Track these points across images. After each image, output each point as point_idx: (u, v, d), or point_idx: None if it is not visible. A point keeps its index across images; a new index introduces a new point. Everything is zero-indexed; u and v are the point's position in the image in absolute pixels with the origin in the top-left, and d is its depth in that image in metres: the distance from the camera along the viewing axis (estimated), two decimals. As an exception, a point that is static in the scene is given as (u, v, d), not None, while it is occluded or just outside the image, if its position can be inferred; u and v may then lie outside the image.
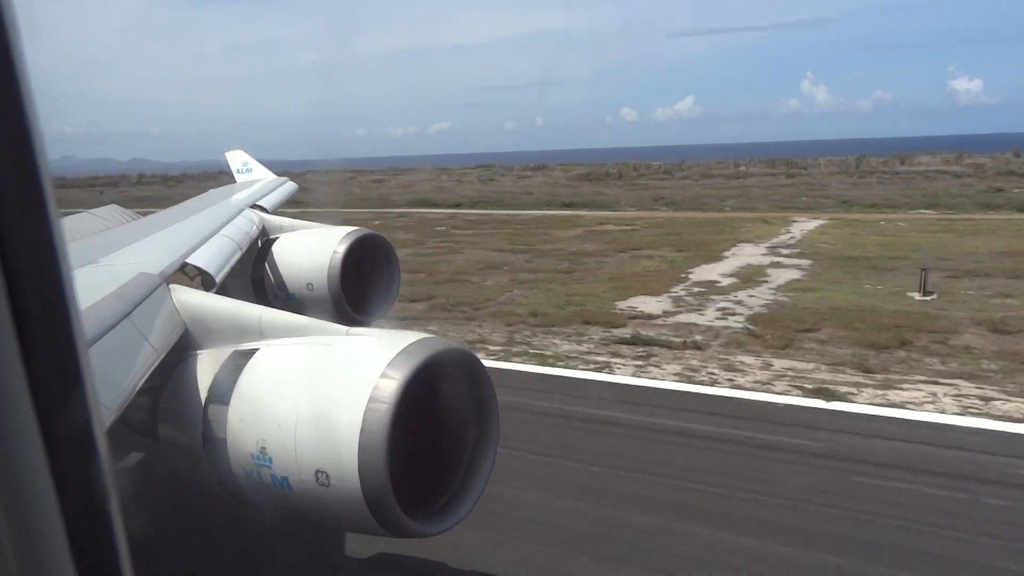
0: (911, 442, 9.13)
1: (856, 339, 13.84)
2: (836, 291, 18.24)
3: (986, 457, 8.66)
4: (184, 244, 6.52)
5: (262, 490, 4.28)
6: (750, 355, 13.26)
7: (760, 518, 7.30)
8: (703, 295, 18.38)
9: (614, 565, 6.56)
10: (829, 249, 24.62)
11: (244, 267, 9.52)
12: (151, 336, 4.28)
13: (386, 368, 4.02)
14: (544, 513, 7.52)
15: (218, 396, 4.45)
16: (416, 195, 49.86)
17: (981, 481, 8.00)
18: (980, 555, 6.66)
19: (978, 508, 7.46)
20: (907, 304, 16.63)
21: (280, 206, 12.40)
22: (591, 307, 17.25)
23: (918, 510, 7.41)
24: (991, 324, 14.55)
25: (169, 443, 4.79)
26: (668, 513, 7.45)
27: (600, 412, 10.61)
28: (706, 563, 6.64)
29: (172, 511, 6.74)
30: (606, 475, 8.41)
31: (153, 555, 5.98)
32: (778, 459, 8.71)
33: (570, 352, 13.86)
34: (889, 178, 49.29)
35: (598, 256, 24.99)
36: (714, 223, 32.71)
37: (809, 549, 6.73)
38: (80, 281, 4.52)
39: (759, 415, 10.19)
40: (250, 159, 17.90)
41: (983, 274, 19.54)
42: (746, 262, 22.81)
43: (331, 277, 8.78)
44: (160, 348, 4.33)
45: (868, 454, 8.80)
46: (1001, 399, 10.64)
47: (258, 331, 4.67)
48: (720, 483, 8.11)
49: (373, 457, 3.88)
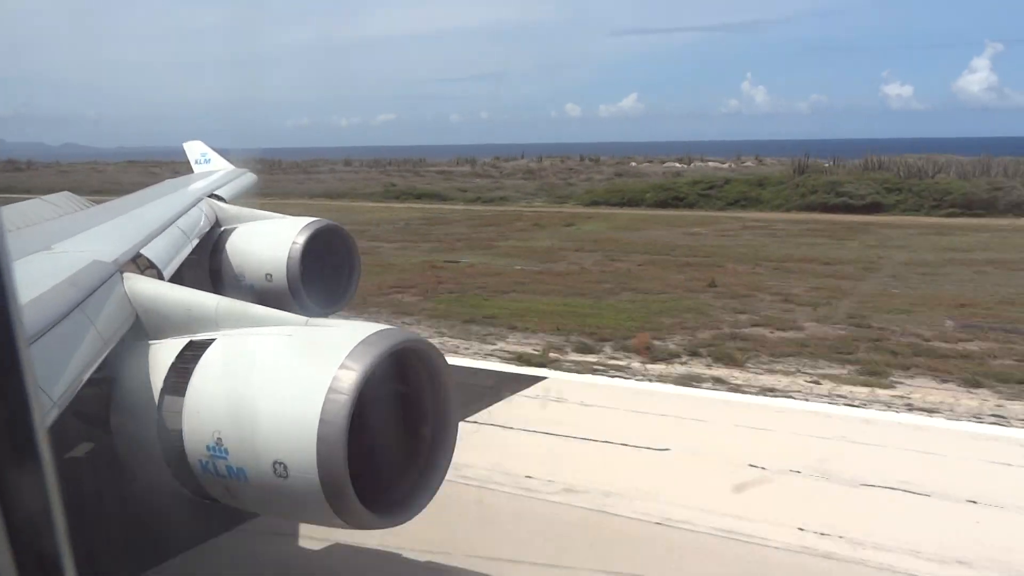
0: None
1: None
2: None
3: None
4: (139, 233, 6.40)
5: (218, 482, 4.23)
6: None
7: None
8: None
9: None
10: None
11: (201, 257, 9.37)
12: (103, 326, 4.21)
13: (345, 359, 4.00)
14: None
15: (173, 387, 4.39)
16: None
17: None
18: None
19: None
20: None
21: (238, 196, 12.23)
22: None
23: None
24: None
25: (122, 434, 4.70)
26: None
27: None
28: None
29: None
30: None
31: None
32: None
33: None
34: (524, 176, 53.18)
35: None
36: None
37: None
38: (32, 268, 4.43)
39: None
40: (208, 150, 17.57)
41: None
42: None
43: (290, 268, 8.69)
44: (111, 338, 4.25)
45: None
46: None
47: (215, 321, 4.61)
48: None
49: (332, 448, 3.87)
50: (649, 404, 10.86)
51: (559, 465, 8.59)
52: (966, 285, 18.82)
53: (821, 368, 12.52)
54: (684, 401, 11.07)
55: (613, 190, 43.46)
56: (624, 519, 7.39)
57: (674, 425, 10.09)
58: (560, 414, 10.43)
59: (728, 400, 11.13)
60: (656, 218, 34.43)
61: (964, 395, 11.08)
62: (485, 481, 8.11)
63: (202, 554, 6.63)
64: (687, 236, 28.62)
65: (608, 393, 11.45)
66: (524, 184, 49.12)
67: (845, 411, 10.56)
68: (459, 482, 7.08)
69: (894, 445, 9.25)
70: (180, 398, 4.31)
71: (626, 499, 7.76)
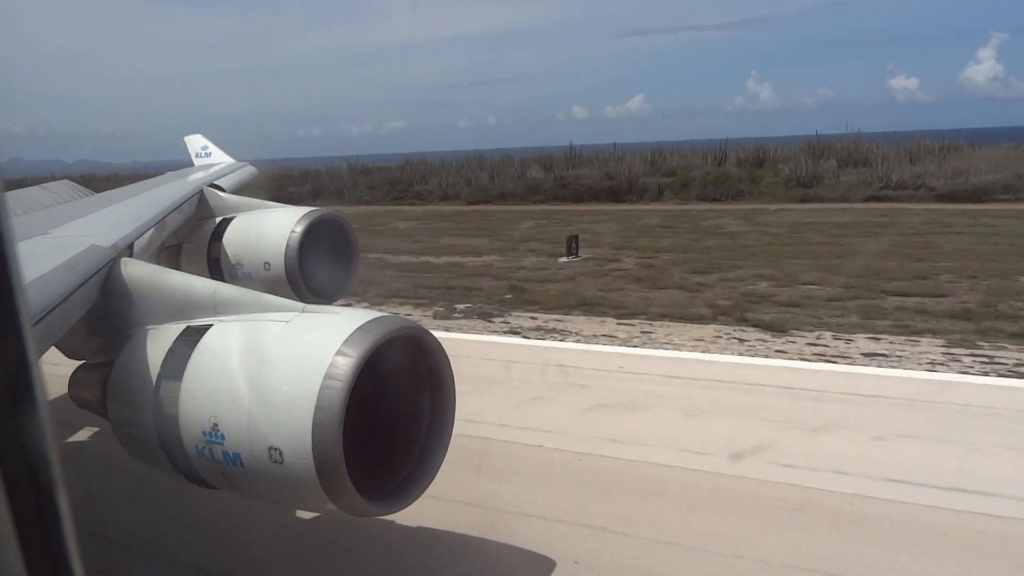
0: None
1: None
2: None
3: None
4: (138, 219, 6.41)
5: (213, 467, 4.24)
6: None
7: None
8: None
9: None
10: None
11: (200, 246, 9.39)
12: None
13: (342, 346, 4.01)
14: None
15: (170, 372, 4.39)
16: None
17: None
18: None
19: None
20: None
21: (238, 188, 12.25)
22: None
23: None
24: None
25: (119, 420, 4.72)
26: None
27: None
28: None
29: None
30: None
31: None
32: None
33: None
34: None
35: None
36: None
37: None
38: (30, 251, 4.43)
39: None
40: (209, 143, 17.58)
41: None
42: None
43: (288, 257, 8.69)
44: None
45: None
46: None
47: (212, 307, 4.61)
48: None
49: (327, 435, 3.87)
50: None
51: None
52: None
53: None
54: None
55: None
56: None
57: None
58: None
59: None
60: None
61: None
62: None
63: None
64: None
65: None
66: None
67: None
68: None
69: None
70: (177, 383, 4.32)
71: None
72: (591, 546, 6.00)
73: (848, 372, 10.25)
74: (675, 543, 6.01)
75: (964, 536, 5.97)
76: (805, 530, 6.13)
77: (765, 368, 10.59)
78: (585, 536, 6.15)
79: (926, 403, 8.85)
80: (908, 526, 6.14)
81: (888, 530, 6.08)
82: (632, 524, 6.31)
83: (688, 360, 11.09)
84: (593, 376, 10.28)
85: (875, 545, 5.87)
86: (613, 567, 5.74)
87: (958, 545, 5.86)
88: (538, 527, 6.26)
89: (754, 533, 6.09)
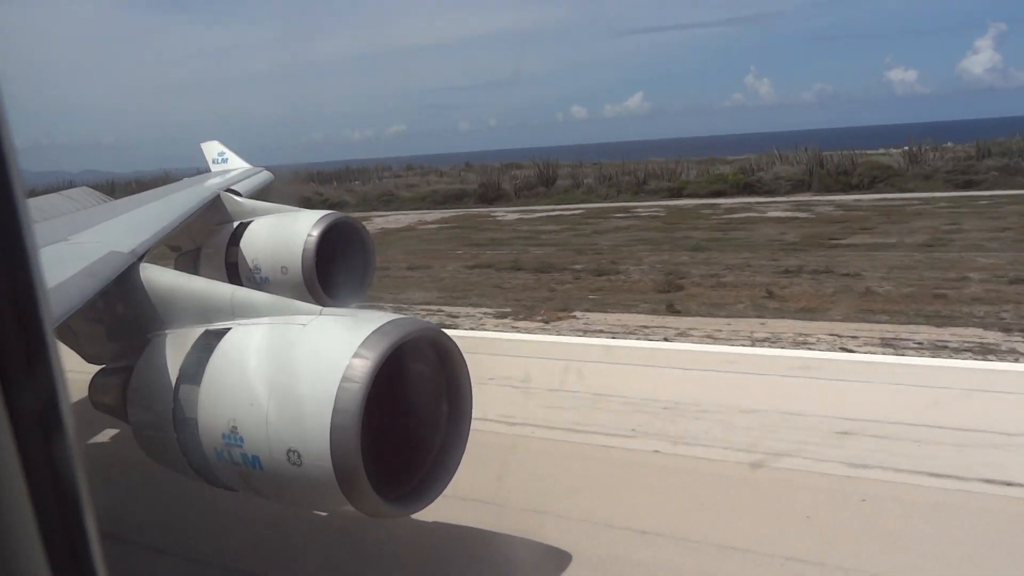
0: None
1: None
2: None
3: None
4: (157, 224, 6.46)
5: (233, 469, 4.27)
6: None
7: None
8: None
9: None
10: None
11: (217, 250, 9.46)
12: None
13: (359, 348, 4.02)
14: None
15: (189, 376, 4.43)
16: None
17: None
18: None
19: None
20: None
21: (255, 193, 12.32)
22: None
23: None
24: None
25: (139, 423, 4.77)
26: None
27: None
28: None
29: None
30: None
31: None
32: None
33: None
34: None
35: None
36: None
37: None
38: (49, 258, 4.49)
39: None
40: (226, 150, 17.64)
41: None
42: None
43: (305, 260, 8.73)
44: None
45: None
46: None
47: (230, 311, 4.64)
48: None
49: (345, 437, 3.89)
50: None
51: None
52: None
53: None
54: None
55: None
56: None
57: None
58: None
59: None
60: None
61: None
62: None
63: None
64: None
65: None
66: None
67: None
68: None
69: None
70: (196, 387, 4.36)
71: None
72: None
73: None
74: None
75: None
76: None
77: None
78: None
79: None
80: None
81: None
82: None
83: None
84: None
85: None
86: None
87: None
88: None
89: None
